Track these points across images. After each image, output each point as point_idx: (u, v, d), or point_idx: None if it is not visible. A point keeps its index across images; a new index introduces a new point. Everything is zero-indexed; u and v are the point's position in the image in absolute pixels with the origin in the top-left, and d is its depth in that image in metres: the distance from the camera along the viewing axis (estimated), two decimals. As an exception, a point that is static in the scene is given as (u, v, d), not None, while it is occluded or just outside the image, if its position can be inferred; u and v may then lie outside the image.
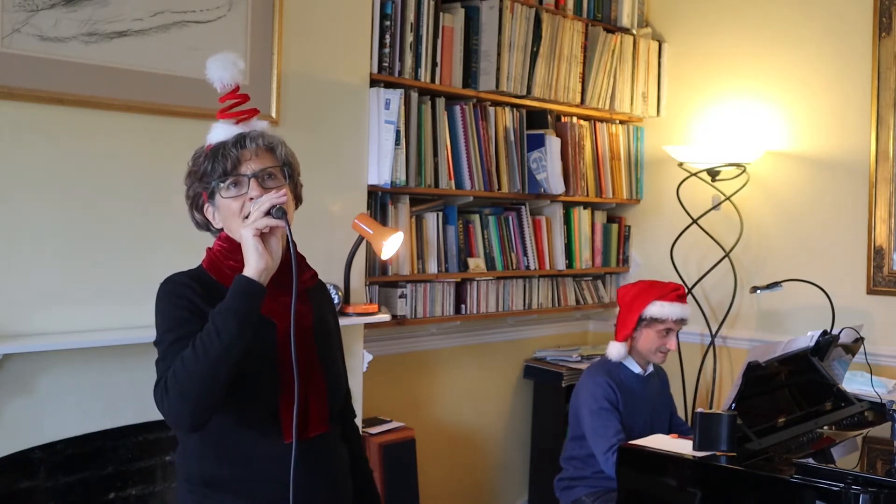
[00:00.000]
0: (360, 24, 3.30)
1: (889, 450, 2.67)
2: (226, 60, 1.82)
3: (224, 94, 1.83)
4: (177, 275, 1.81)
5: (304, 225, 3.08)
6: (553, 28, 3.99)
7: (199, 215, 1.86)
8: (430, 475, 3.79)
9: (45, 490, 2.54)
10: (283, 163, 1.83)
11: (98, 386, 2.57)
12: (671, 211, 4.35)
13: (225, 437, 1.77)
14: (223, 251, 1.82)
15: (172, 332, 1.72)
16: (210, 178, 1.79)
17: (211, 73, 1.82)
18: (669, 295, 3.17)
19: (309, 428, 1.79)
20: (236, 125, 1.82)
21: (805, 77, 4.06)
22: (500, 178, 3.87)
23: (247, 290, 1.66)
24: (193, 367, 1.62)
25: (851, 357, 3.28)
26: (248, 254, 1.68)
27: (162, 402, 1.66)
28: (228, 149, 1.77)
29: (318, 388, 1.82)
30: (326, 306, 1.99)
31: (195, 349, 1.63)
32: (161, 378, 1.68)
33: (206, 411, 1.66)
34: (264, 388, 1.76)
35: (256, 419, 1.77)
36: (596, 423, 3.06)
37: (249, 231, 1.69)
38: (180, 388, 1.63)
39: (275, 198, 1.71)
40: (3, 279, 2.43)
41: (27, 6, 2.44)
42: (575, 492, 3.21)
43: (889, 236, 3.81)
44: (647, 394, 3.25)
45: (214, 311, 1.66)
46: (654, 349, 3.19)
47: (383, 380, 3.67)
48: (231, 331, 1.62)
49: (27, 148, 2.47)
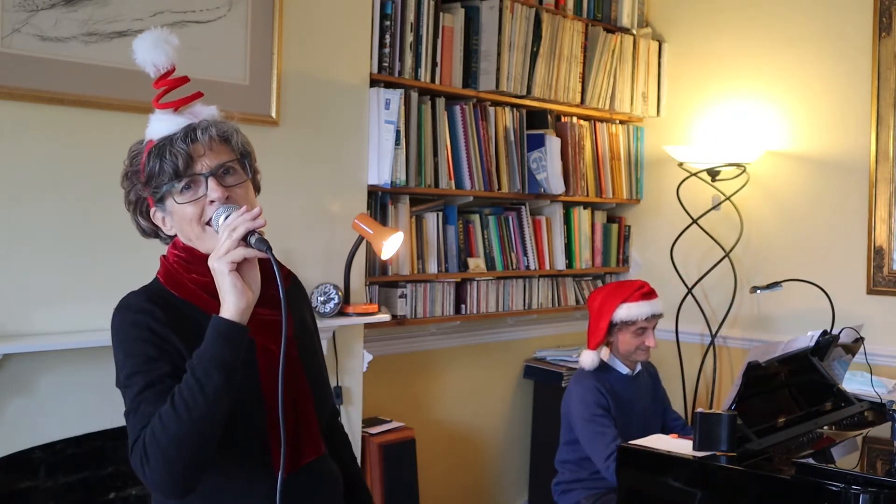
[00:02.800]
0: (360, 24, 3.30)
1: (889, 450, 2.67)
2: (156, 38, 1.54)
3: (157, 78, 1.55)
4: (132, 298, 1.56)
5: (304, 225, 3.09)
6: (553, 28, 3.99)
7: (146, 221, 1.63)
8: (430, 475, 3.79)
9: (45, 490, 2.53)
10: (240, 153, 1.58)
11: (98, 386, 2.57)
12: (671, 211, 4.35)
13: (212, 473, 1.52)
14: (180, 262, 1.58)
15: (140, 374, 1.47)
16: (159, 181, 1.52)
17: (140, 56, 1.54)
18: (634, 295, 3.15)
19: (302, 455, 1.60)
20: (177, 114, 1.54)
21: (805, 77, 4.06)
22: (500, 178, 3.87)
23: (228, 335, 1.41)
24: (176, 428, 1.37)
25: (851, 357, 3.28)
26: (224, 291, 1.43)
27: (143, 469, 1.41)
28: (177, 144, 1.50)
29: (308, 409, 1.63)
30: (303, 304, 1.79)
31: (175, 406, 1.38)
32: (137, 439, 1.42)
33: (198, 475, 1.43)
34: (251, 416, 1.54)
35: (246, 452, 1.56)
36: (591, 431, 3.04)
37: (224, 265, 1.42)
38: (163, 453, 1.38)
39: (250, 221, 1.43)
40: (3, 279, 2.43)
41: (27, 6, 2.44)
42: (573, 495, 3.20)
43: (889, 236, 3.81)
44: (638, 393, 3.24)
45: (192, 362, 1.41)
46: (634, 349, 3.19)
47: (383, 380, 3.67)
48: (215, 383, 1.38)
49: (27, 148, 2.47)
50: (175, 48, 1.55)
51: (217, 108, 1.62)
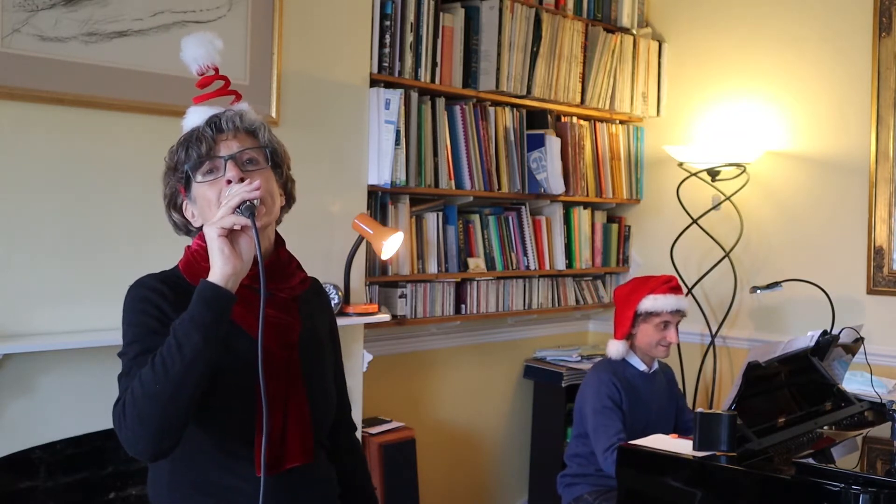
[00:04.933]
0: (360, 24, 3.30)
1: (889, 450, 2.67)
2: (202, 38, 1.65)
3: (202, 76, 1.67)
4: (147, 277, 1.63)
5: (304, 225, 3.08)
6: (553, 28, 3.99)
7: (178, 215, 1.68)
8: (430, 475, 3.79)
9: (45, 490, 2.53)
10: (265, 145, 1.65)
11: (98, 386, 2.57)
12: (671, 211, 4.35)
13: (197, 464, 1.58)
14: (201, 250, 1.61)
15: (137, 343, 1.54)
16: (184, 167, 1.61)
17: (185, 53, 1.65)
18: (661, 287, 3.17)
19: (286, 459, 1.59)
20: (208, 106, 1.64)
21: (805, 77, 4.06)
22: (500, 178, 3.87)
23: (211, 298, 1.44)
24: (152, 387, 1.42)
25: (851, 357, 3.28)
26: (213, 256, 1.47)
27: (120, 426, 1.47)
28: (202, 131, 1.59)
29: (301, 415, 1.61)
30: (321, 314, 1.80)
31: (154, 367, 1.43)
32: (119, 399, 1.50)
33: (168, 438, 1.46)
34: (239, 410, 1.56)
35: (232, 446, 1.58)
36: (598, 422, 3.06)
37: (214, 230, 1.47)
38: (138, 411, 1.43)
39: (246, 191, 1.50)
40: (3, 279, 2.43)
41: (27, 6, 2.44)
42: (577, 489, 3.21)
43: (889, 236, 3.81)
44: (652, 392, 3.25)
45: (175, 323, 1.46)
46: (654, 343, 3.19)
47: (383, 380, 3.67)
48: (193, 344, 1.41)
49: (27, 148, 2.47)
50: (218, 50, 1.66)
51: (248, 105, 1.70)
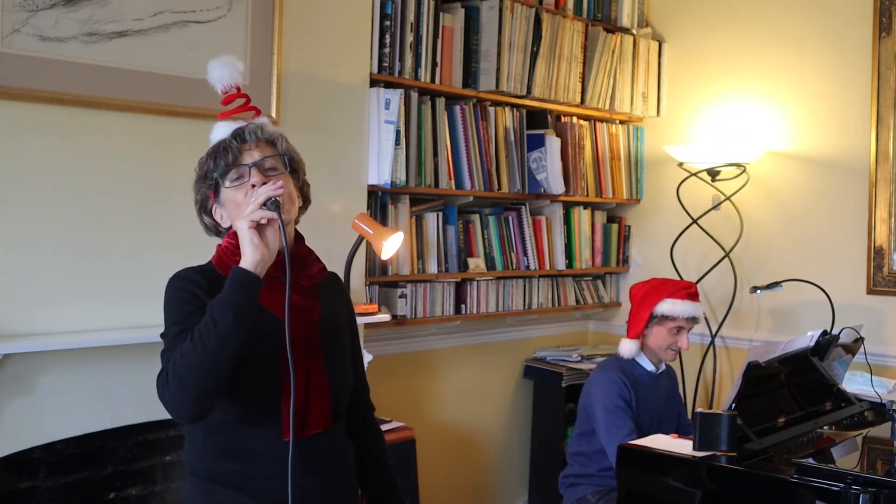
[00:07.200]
0: (360, 24, 3.30)
1: (889, 450, 2.67)
2: (226, 62, 1.89)
3: (226, 95, 1.88)
4: (185, 270, 1.85)
5: (304, 225, 3.08)
6: (553, 28, 3.99)
7: (209, 218, 1.89)
8: (430, 475, 3.79)
9: (45, 490, 2.54)
10: (283, 153, 1.86)
11: (98, 386, 2.57)
12: (671, 211, 4.35)
13: (227, 431, 1.79)
14: (231, 247, 1.83)
15: (178, 324, 1.75)
16: (213, 174, 1.83)
17: (212, 75, 1.88)
18: (680, 293, 3.17)
19: (309, 425, 1.81)
20: (232, 122, 1.86)
21: (805, 77, 4.06)
22: (500, 178, 3.87)
23: (242, 281, 1.67)
24: (192, 358, 1.64)
25: (851, 357, 3.28)
26: (243, 245, 1.70)
27: (163, 393, 1.70)
28: (228, 143, 1.81)
29: (321, 385, 1.83)
30: (339, 302, 2.01)
31: (193, 341, 1.66)
32: (163, 370, 1.71)
33: (207, 402, 1.68)
34: (265, 383, 1.78)
35: (258, 415, 1.79)
36: (610, 422, 3.06)
37: (244, 223, 1.70)
38: (180, 379, 1.66)
39: (271, 189, 1.73)
40: (3, 279, 2.43)
41: (27, 6, 2.44)
42: (579, 489, 3.21)
43: (889, 236, 3.81)
44: (658, 392, 3.25)
45: (211, 303, 1.69)
46: (665, 347, 3.19)
47: (383, 380, 3.67)
48: (227, 322, 1.64)
49: (27, 148, 2.47)
50: (240, 72, 1.90)
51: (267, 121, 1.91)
